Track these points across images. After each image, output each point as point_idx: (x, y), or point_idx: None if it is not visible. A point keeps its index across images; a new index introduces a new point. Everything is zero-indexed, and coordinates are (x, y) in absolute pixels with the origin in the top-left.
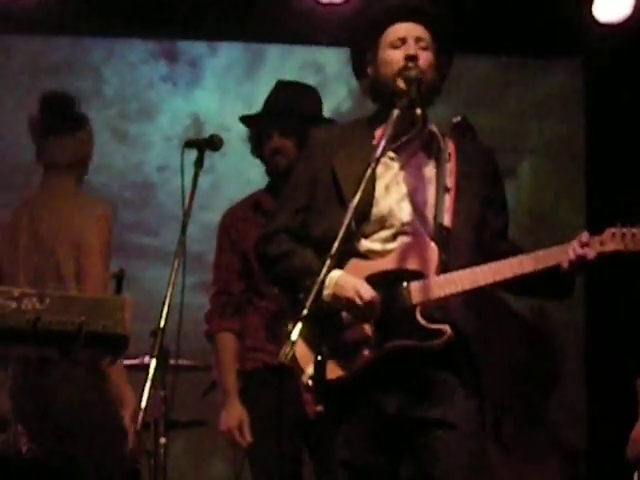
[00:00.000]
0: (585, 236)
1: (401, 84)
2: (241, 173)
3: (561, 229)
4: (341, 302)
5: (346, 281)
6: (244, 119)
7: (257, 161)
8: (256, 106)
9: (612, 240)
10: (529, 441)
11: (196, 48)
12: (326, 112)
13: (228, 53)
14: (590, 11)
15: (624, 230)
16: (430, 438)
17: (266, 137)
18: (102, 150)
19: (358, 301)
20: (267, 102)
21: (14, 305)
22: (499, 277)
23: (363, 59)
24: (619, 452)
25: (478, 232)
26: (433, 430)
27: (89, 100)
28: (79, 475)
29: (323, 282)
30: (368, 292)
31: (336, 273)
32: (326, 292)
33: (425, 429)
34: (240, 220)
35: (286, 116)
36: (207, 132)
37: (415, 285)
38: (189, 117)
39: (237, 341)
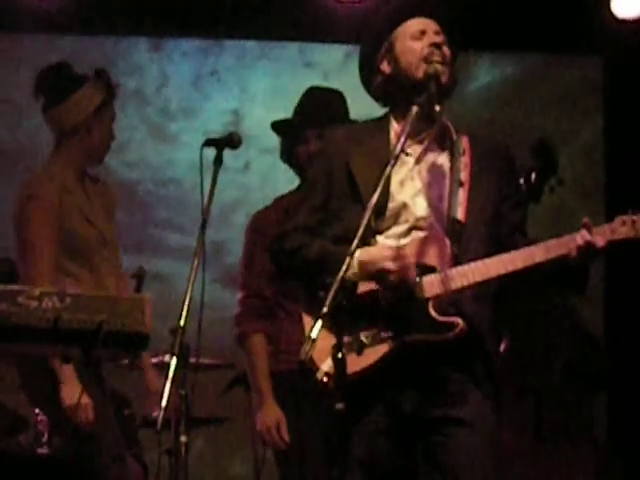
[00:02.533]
0: (588, 221)
1: (422, 75)
2: (283, 169)
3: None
4: (372, 274)
5: (371, 254)
6: (276, 125)
7: None
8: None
9: (622, 227)
10: (564, 434)
11: (236, 47)
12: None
13: (264, 50)
14: (608, 7)
15: (634, 217)
16: (445, 436)
17: (301, 142)
18: (138, 146)
19: (391, 266)
20: (301, 107)
21: (35, 304)
22: (511, 268)
23: (375, 56)
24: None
25: (493, 227)
26: (447, 427)
27: (130, 98)
28: (95, 474)
29: (343, 280)
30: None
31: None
32: (351, 272)
33: (440, 427)
34: (272, 224)
35: (323, 119)
36: (247, 129)
37: (427, 279)
38: (229, 115)
39: (268, 343)
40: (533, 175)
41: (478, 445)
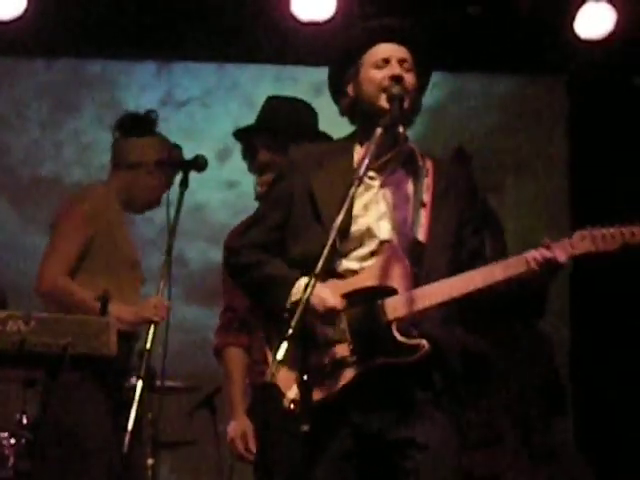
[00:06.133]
0: (547, 241)
1: (384, 102)
2: None
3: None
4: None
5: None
6: (235, 133)
7: None
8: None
9: (582, 242)
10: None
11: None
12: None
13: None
14: (572, 27)
15: (594, 232)
16: (405, 460)
17: (254, 152)
18: None
19: (320, 309)
20: (257, 117)
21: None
22: (472, 287)
23: (342, 78)
24: (607, 459)
25: (454, 249)
26: (408, 451)
27: None
28: None
29: (308, 301)
30: (330, 301)
31: (303, 281)
32: (293, 299)
33: (401, 450)
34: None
35: (272, 131)
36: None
37: (390, 301)
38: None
39: (245, 355)
40: None
41: (441, 471)
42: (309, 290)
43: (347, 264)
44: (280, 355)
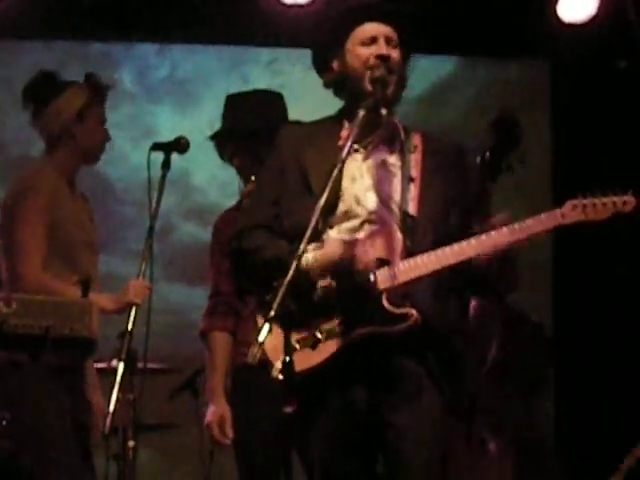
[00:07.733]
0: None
1: (367, 83)
2: None
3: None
4: (327, 267)
5: (325, 249)
6: (211, 137)
7: None
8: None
9: (573, 211)
10: (494, 440)
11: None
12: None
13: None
14: (555, 11)
15: (585, 201)
16: (394, 443)
17: (230, 156)
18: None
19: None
20: (221, 121)
21: None
22: (462, 257)
23: (327, 53)
24: (586, 449)
25: (444, 222)
26: (398, 434)
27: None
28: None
29: (290, 283)
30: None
31: (310, 254)
32: (310, 269)
33: (391, 433)
34: (230, 222)
35: (237, 136)
36: None
37: (381, 272)
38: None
39: (230, 339)
40: (487, 153)
41: (424, 457)
42: (291, 272)
43: (337, 236)
44: (262, 337)
